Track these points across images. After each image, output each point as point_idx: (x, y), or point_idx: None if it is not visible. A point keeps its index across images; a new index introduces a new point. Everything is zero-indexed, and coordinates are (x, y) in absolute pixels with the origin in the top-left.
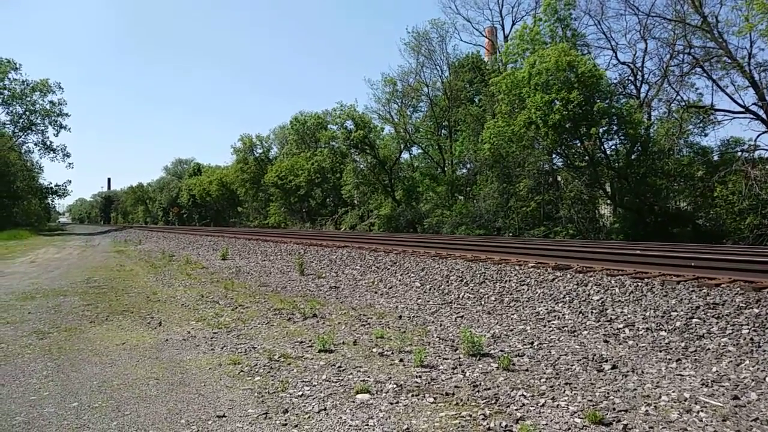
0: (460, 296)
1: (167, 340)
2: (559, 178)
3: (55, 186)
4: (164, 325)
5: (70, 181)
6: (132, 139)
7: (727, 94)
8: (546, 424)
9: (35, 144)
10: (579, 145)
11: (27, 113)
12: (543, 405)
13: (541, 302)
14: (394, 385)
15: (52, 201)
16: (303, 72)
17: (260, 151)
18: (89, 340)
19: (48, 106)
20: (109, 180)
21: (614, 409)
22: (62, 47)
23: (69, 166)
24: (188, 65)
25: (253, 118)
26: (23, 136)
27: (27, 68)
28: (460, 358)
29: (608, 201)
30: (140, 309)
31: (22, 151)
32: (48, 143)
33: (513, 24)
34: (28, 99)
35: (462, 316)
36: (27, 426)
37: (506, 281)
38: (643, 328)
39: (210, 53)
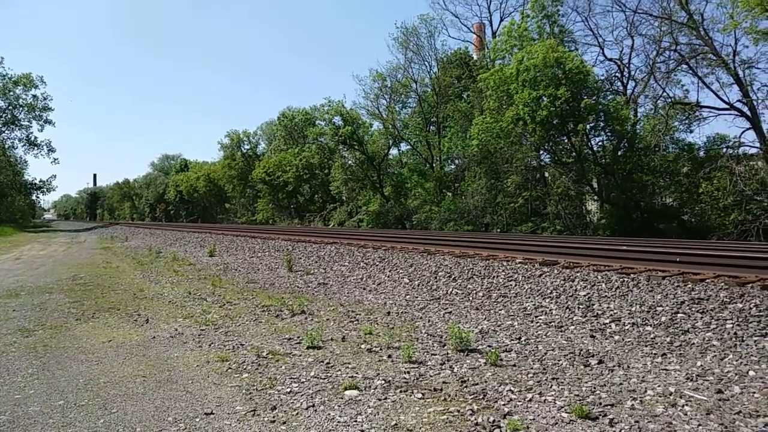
0: (449, 292)
1: (154, 337)
2: (546, 174)
3: (40, 182)
4: (151, 322)
5: (54, 176)
6: (118, 134)
7: (712, 90)
8: (533, 419)
9: (19, 140)
10: (566, 141)
11: (10, 108)
12: (530, 400)
13: (529, 298)
14: (383, 381)
15: (37, 197)
16: (292, 68)
17: (247, 147)
18: (75, 338)
19: (31, 101)
20: (95, 176)
21: (600, 403)
22: (47, 42)
23: (54, 161)
24: (175, 61)
25: (240, 113)
26: (6, 132)
27: (13, 63)
28: (448, 353)
29: (595, 197)
30: (127, 306)
31: (6, 146)
32: (32, 139)
33: (501, 20)
34: (11, 93)
35: (450, 312)
36: (12, 425)
37: (494, 277)
38: (629, 323)
39: (198, 49)
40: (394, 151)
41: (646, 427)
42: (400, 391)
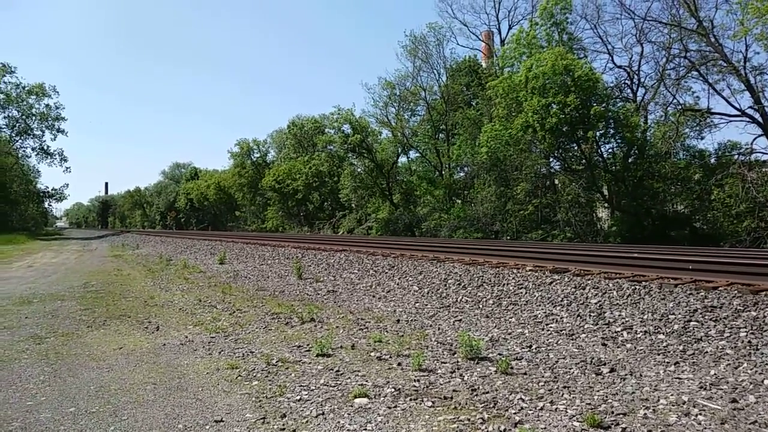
0: (458, 300)
1: (165, 344)
2: (556, 182)
3: (52, 190)
4: (162, 329)
5: (67, 185)
6: (130, 143)
7: (723, 97)
8: (544, 428)
9: (32, 149)
10: (576, 148)
11: (23, 117)
12: (541, 409)
13: (539, 306)
14: (393, 389)
15: (49, 205)
16: (301, 76)
17: (257, 155)
18: (86, 345)
19: (44, 110)
20: (106, 184)
21: (613, 412)
22: (59, 50)
23: (66, 170)
24: (187, 69)
25: (251, 121)
26: (20, 141)
27: (23, 71)
28: (458, 362)
29: (605, 204)
30: (138, 313)
31: (19, 155)
32: (45, 147)
33: (509, 28)
34: (24, 103)
35: (460, 320)
36: None
37: (504, 285)
38: (641, 332)
39: (209, 57)
40: (403, 159)
41: None
42: (410, 399)
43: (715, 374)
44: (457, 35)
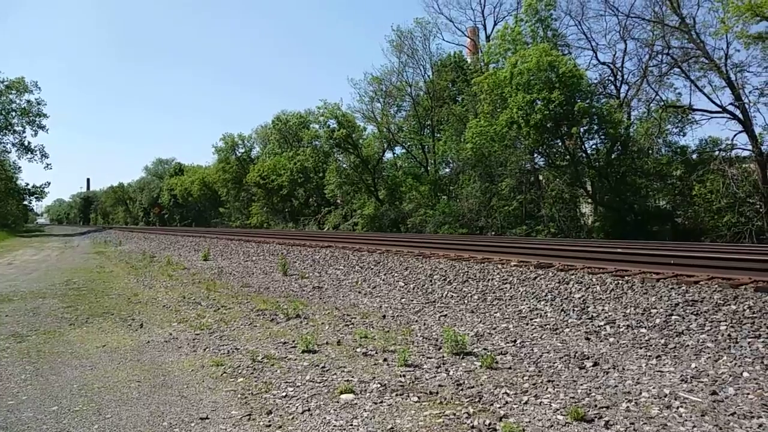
0: (444, 295)
1: (149, 341)
2: (540, 178)
3: (33, 187)
4: (145, 326)
5: (49, 183)
6: (112, 138)
7: (704, 94)
8: (529, 422)
9: (13, 144)
10: (560, 144)
11: (3, 112)
12: (526, 403)
13: (524, 300)
14: (378, 385)
15: (30, 202)
16: (286, 71)
17: (242, 150)
18: (69, 343)
19: (25, 106)
20: (88, 180)
21: (596, 405)
22: (40, 45)
23: (47, 167)
24: (169, 64)
25: (235, 117)
26: (0, 136)
27: (5, 67)
28: (443, 357)
29: (589, 200)
30: (121, 311)
31: None
32: (26, 144)
33: (495, 24)
34: (4, 98)
35: (445, 315)
36: (5, 431)
37: (489, 280)
38: (623, 326)
39: (191, 52)
40: (388, 155)
41: (642, 428)
42: (396, 395)
43: (695, 367)
44: (443, 31)
